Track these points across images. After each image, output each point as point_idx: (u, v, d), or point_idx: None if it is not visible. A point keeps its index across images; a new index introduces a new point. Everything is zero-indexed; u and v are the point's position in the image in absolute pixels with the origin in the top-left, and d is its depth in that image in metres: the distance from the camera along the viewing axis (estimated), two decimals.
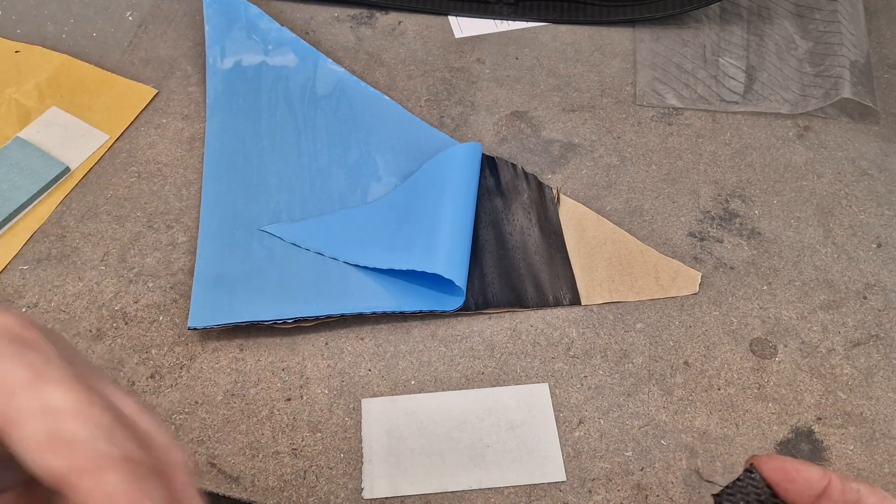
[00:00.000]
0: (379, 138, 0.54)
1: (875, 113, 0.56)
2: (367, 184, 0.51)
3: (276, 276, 0.46)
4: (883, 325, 0.46)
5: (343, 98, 0.56)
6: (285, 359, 0.44)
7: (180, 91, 0.57)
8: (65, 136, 0.53)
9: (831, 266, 0.48)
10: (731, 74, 0.58)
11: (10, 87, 0.56)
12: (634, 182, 0.52)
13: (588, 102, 0.57)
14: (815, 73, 0.58)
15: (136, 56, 0.59)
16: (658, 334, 0.45)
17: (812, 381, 0.43)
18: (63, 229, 0.49)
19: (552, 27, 0.63)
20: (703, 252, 0.49)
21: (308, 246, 0.48)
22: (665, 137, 0.55)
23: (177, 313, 0.45)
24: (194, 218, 0.50)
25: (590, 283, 0.47)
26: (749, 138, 0.55)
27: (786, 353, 0.44)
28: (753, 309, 0.46)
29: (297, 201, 0.50)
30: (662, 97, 0.57)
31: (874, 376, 0.43)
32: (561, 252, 0.48)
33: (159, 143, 0.54)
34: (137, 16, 0.62)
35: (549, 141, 0.55)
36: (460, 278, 0.44)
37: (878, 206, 0.51)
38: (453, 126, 0.55)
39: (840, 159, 0.54)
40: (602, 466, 0.40)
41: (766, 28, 0.62)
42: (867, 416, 0.42)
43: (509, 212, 0.50)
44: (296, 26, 0.62)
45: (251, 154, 0.52)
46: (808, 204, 0.51)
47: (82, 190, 0.51)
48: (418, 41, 0.61)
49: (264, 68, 0.57)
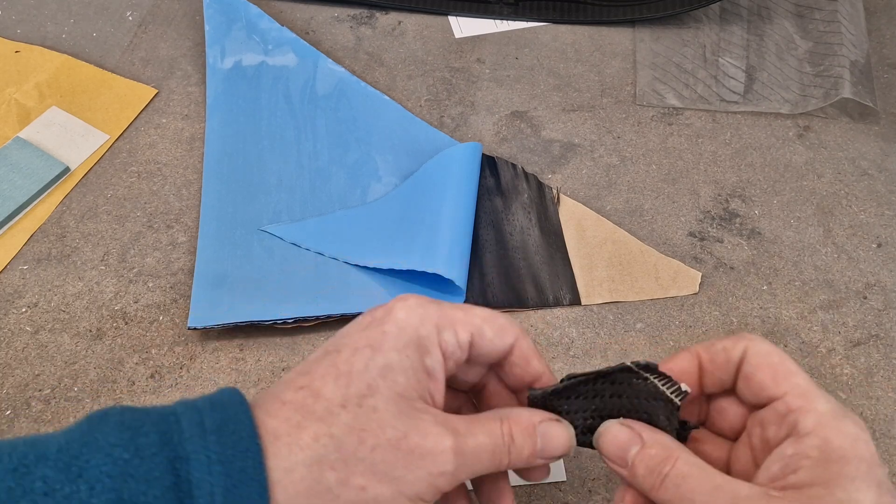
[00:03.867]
0: (379, 138, 0.54)
1: (875, 113, 0.56)
2: (367, 184, 0.51)
3: (276, 276, 0.46)
4: (883, 325, 0.46)
5: (343, 98, 0.56)
6: (285, 359, 0.44)
7: (180, 91, 0.57)
8: (65, 136, 0.53)
9: (831, 266, 0.48)
10: (731, 74, 0.58)
11: (10, 87, 0.56)
12: (634, 182, 0.52)
13: (588, 102, 0.57)
14: (815, 73, 0.58)
15: (136, 56, 0.59)
16: (658, 334, 0.45)
17: None
18: (63, 229, 0.49)
19: (552, 27, 0.63)
20: (703, 252, 0.49)
21: (308, 246, 0.48)
22: (665, 137, 0.55)
23: (177, 313, 0.45)
24: (194, 218, 0.50)
25: (590, 283, 0.47)
26: (749, 138, 0.55)
27: (786, 352, 0.44)
28: (753, 309, 0.46)
29: (297, 201, 0.50)
30: (662, 97, 0.57)
31: (874, 376, 0.43)
32: (561, 252, 0.48)
33: (159, 143, 0.54)
34: (137, 16, 0.62)
35: (549, 141, 0.55)
36: (460, 278, 0.44)
37: (878, 206, 0.51)
38: (453, 126, 0.55)
39: (840, 159, 0.54)
40: (602, 466, 0.40)
41: (766, 28, 0.62)
42: (867, 416, 0.42)
43: (509, 212, 0.50)
44: (296, 26, 0.62)
45: (251, 154, 0.52)
46: (808, 204, 0.51)
47: (82, 190, 0.51)
48: (418, 41, 0.61)
49: (264, 68, 0.57)
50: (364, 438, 0.25)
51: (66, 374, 0.43)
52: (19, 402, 0.41)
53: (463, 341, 0.29)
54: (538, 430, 0.29)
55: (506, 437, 0.28)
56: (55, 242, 0.48)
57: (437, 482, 0.26)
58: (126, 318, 0.45)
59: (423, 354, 0.28)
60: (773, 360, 0.28)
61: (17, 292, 0.46)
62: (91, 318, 0.45)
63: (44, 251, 0.48)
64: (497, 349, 0.30)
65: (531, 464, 0.29)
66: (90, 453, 0.23)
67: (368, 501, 0.25)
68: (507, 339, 0.30)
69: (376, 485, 0.25)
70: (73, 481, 0.23)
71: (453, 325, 0.29)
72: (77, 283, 0.46)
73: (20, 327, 0.44)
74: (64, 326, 0.45)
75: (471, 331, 0.29)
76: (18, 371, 0.43)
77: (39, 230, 0.49)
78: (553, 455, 0.29)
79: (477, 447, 0.27)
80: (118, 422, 0.25)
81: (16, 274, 0.47)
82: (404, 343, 0.28)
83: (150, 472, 0.23)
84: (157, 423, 0.25)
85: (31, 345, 0.44)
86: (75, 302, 0.46)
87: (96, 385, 0.42)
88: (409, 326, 0.28)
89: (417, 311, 0.28)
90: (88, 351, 0.44)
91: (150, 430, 0.24)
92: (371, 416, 0.26)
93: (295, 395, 0.26)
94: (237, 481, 0.24)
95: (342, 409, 0.26)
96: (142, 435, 0.24)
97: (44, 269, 0.47)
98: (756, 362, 0.28)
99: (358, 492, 0.25)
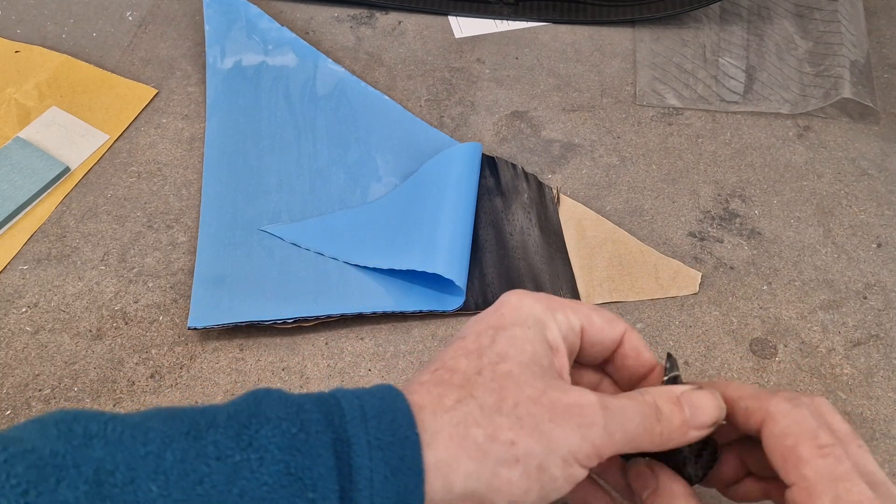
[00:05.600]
0: (379, 138, 0.54)
1: (875, 113, 0.56)
2: (367, 184, 0.51)
3: (276, 276, 0.46)
4: (883, 325, 0.46)
5: (343, 98, 0.56)
6: (285, 359, 0.44)
7: (180, 91, 0.57)
8: (65, 136, 0.53)
9: (831, 266, 0.48)
10: (731, 74, 0.58)
11: (10, 87, 0.56)
12: (634, 182, 0.52)
13: (588, 102, 0.57)
14: (815, 73, 0.58)
15: (136, 56, 0.59)
16: (658, 334, 0.45)
17: (812, 381, 0.43)
18: (63, 229, 0.49)
19: (552, 27, 0.63)
20: (703, 252, 0.49)
21: (308, 246, 0.48)
22: (665, 137, 0.55)
23: (177, 313, 0.45)
24: (194, 218, 0.50)
25: (590, 283, 0.47)
26: (749, 138, 0.55)
27: (786, 353, 0.44)
28: (753, 309, 0.46)
29: (297, 201, 0.50)
30: (662, 97, 0.57)
31: (874, 376, 0.43)
32: (561, 252, 0.48)
33: (159, 143, 0.54)
34: (137, 16, 0.62)
35: (549, 141, 0.55)
36: (460, 278, 0.44)
37: (878, 206, 0.51)
38: (453, 126, 0.55)
39: (840, 159, 0.54)
40: None
41: (766, 28, 0.62)
42: (867, 416, 0.42)
43: (509, 212, 0.50)
44: (296, 26, 0.62)
45: (251, 154, 0.52)
46: (808, 204, 0.51)
47: (82, 190, 0.51)
48: (418, 41, 0.61)
49: (264, 68, 0.57)
50: (505, 396, 0.26)
51: (66, 374, 0.43)
52: (19, 402, 0.41)
53: (575, 325, 0.29)
54: (682, 399, 0.28)
55: (651, 406, 0.27)
56: (55, 242, 0.48)
57: (589, 436, 0.25)
58: (126, 318, 0.45)
59: (544, 329, 0.28)
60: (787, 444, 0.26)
61: (17, 292, 0.46)
62: (91, 318, 0.45)
63: (44, 251, 0.48)
64: (607, 339, 0.30)
65: (684, 436, 0.28)
66: (259, 424, 0.24)
67: (520, 458, 0.25)
68: (617, 329, 0.30)
69: (525, 439, 0.25)
70: (244, 449, 0.23)
71: (564, 309, 0.29)
72: (77, 283, 0.46)
73: (20, 327, 0.44)
74: (64, 326, 0.45)
75: (581, 318, 0.29)
76: (18, 371, 0.43)
77: (39, 230, 0.49)
78: (705, 422, 0.28)
79: (625, 407, 0.26)
80: (281, 397, 0.25)
81: (16, 274, 0.47)
82: (523, 319, 0.28)
83: (315, 449, 0.24)
84: (319, 404, 0.25)
85: (31, 345, 0.44)
86: (75, 302, 0.46)
87: (96, 385, 0.42)
88: (524, 306, 0.29)
89: (529, 297, 0.29)
90: (88, 351, 0.44)
91: (314, 409, 0.25)
92: (507, 378, 0.26)
93: (432, 376, 0.27)
94: (396, 469, 0.24)
95: (478, 376, 0.26)
96: (306, 412, 0.25)
97: (44, 269, 0.47)
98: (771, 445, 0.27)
99: (508, 447, 0.25)
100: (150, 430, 0.23)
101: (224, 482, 0.22)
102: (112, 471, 0.22)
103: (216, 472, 0.22)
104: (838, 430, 0.27)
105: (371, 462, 0.24)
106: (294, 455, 0.23)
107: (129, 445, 0.22)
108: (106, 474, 0.22)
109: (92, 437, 0.22)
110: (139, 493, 0.21)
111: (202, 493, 0.22)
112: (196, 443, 0.23)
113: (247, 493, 0.22)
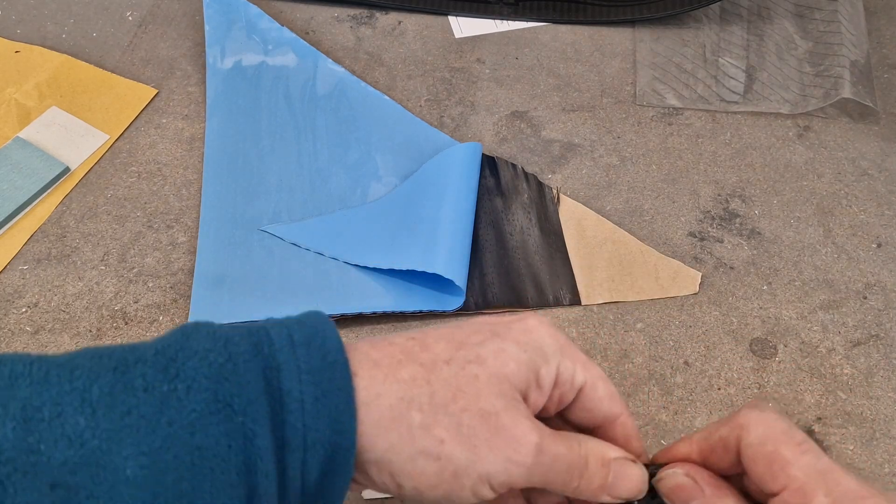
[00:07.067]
0: (379, 138, 0.54)
1: (875, 113, 0.56)
2: (367, 184, 0.51)
3: (276, 276, 0.46)
4: (883, 325, 0.46)
5: (343, 98, 0.56)
6: None
7: (180, 91, 0.57)
8: (65, 136, 0.53)
9: (831, 266, 0.48)
10: (731, 74, 0.58)
11: (10, 87, 0.56)
12: (634, 182, 0.52)
13: (588, 102, 0.57)
14: (815, 73, 0.58)
15: (136, 56, 0.59)
16: (658, 334, 0.45)
17: (812, 381, 0.43)
18: (63, 229, 0.49)
19: (552, 27, 0.63)
20: (703, 252, 0.49)
21: (308, 246, 0.48)
22: (665, 137, 0.55)
23: (177, 313, 0.45)
24: (194, 218, 0.50)
25: (590, 283, 0.47)
26: (749, 138, 0.55)
27: (786, 353, 0.44)
28: (753, 309, 0.46)
29: (297, 201, 0.50)
30: (662, 97, 0.57)
31: (874, 376, 0.43)
32: (561, 252, 0.48)
33: (159, 143, 0.54)
34: (137, 16, 0.62)
35: (549, 141, 0.55)
36: (460, 278, 0.44)
37: (878, 206, 0.51)
38: (453, 126, 0.55)
39: (840, 159, 0.54)
40: None
41: (766, 28, 0.62)
42: (867, 416, 0.42)
43: (509, 212, 0.50)
44: (296, 26, 0.62)
45: (251, 154, 0.52)
46: (808, 204, 0.51)
47: (82, 190, 0.51)
48: (418, 41, 0.61)
49: (264, 68, 0.57)
50: (458, 398, 0.26)
51: None
52: None
53: (578, 380, 0.28)
54: (612, 465, 0.28)
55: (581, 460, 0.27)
56: (55, 242, 0.48)
57: (511, 471, 0.26)
58: (126, 318, 0.45)
59: (542, 362, 0.28)
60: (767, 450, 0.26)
61: (17, 292, 0.46)
62: (91, 318, 0.45)
63: (44, 251, 0.48)
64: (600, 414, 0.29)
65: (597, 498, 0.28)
66: (186, 357, 0.24)
67: (441, 456, 0.25)
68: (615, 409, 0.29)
69: (455, 444, 0.25)
70: (171, 381, 0.23)
71: (575, 360, 0.28)
72: (77, 283, 0.46)
73: (20, 327, 0.44)
74: (64, 326, 0.45)
75: (587, 378, 0.29)
76: None
77: (39, 230, 0.49)
78: (621, 495, 0.28)
79: (558, 456, 0.26)
80: (209, 332, 0.25)
81: (16, 274, 0.47)
82: (526, 341, 0.28)
83: (243, 377, 0.24)
84: (248, 336, 0.25)
85: (31, 345, 0.44)
86: (75, 302, 0.46)
87: None
88: (536, 333, 0.28)
89: (549, 329, 0.28)
90: None
91: (242, 340, 0.25)
92: (471, 381, 0.26)
93: (405, 342, 0.27)
94: (326, 390, 0.25)
95: (445, 365, 0.26)
96: (234, 344, 0.25)
97: (44, 269, 0.47)
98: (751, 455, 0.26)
99: (436, 443, 0.25)
100: (76, 367, 0.23)
101: (152, 412, 0.23)
102: (39, 407, 0.22)
103: (144, 402, 0.23)
104: None
105: (301, 385, 0.24)
106: (222, 383, 0.24)
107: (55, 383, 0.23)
108: (33, 410, 0.22)
109: (17, 378, 0.23)
110: (67, 427, 0.22)
111: (130, 423, 0.22)
112: (123, 376, 0.23)
113: (175, 422, 0.23)
